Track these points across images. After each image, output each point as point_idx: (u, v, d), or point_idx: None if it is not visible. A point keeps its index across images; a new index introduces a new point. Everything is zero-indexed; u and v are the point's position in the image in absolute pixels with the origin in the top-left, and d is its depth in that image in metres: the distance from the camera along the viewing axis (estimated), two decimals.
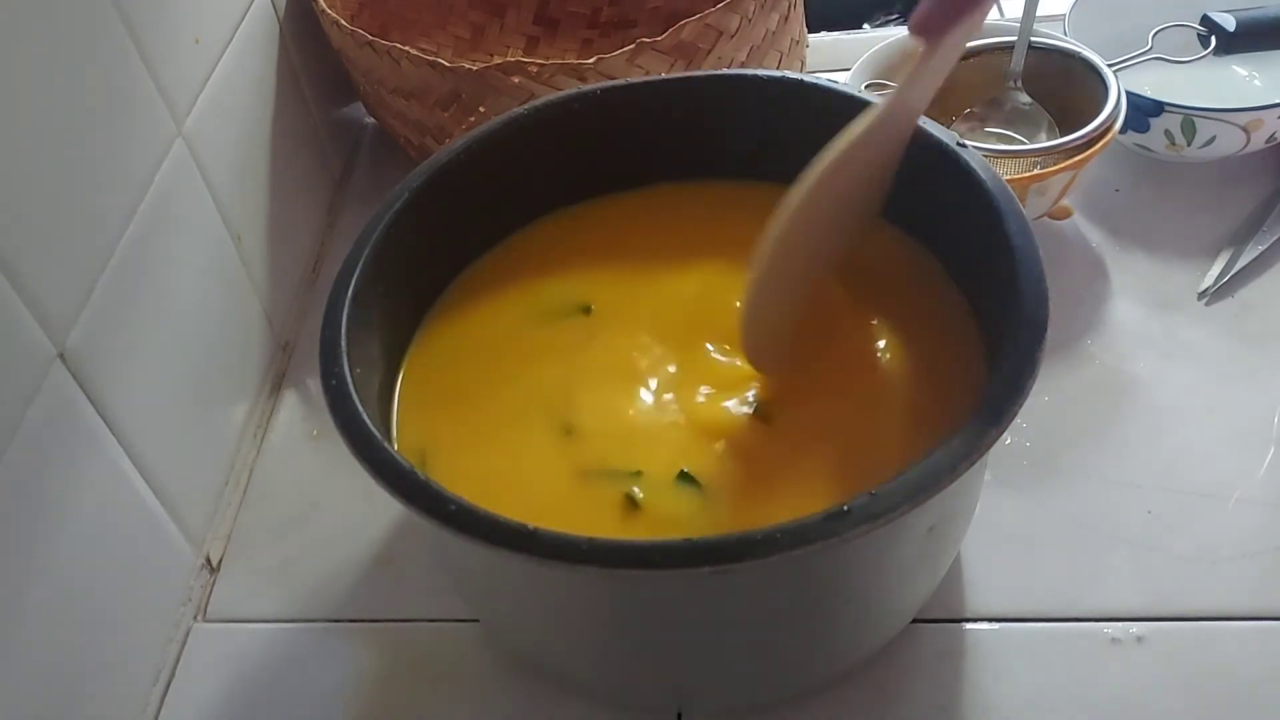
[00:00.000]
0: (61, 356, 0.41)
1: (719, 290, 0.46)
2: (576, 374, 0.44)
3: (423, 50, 0.58)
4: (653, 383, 0.43)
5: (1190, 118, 0.59)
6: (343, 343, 0.39)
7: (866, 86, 0.62)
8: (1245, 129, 0.59)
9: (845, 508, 0.32)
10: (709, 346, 0.44)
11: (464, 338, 0.46)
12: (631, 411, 0.42)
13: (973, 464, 0.33)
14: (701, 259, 0.48)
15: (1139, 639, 0.44)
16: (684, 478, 0.40)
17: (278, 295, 0.60)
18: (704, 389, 0.43)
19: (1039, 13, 0.58)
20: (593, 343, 0.45)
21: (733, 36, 0.58)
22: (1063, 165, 0.54)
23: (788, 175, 0.50)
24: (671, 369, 0.44)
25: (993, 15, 0.78)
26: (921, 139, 0.44)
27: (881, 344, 0.43)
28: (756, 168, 0.50)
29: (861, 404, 0.42)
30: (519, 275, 0.49)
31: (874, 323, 0.44)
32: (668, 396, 0.43)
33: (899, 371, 0.43)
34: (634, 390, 0.43)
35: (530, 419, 0.43)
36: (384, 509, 0.51)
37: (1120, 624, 0.45)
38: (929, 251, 0.46)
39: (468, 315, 0.47)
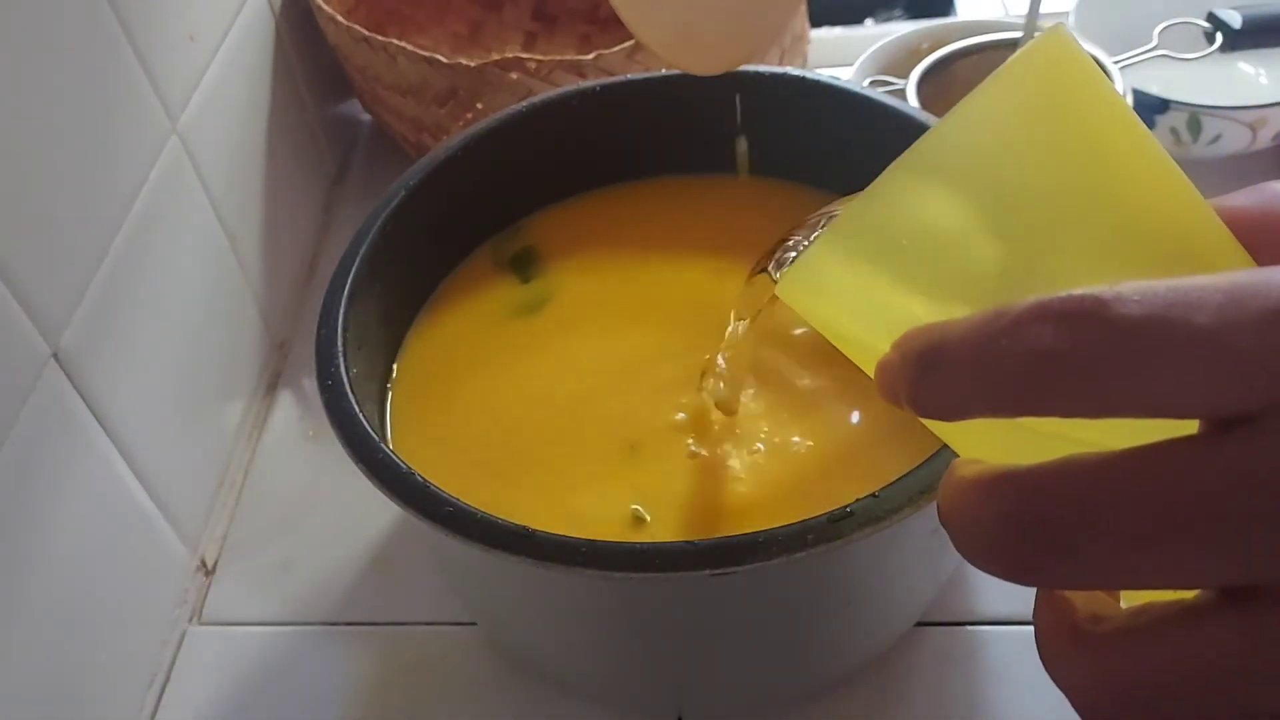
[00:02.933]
0: (55, 356, 0.40)
1: (718, 284, 0.46)
2: (574, 369, 0.44)
3: (420, 46, 0.58)
4: (650, 375, 0.43)
5: (1196, 115, 0.58)
6: (339, 342, 0.39)
7: (870, 83, 0.61)
8: (1251, 126, 0.58)
9: (848, 509, 0.32)
10: (706, 338, 0.44)
11: (459, 334, 0.46)
12: (630, 406, 0.42)
13: None
14: (702, 253, 0.47)
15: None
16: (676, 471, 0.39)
17: (273, 294, 0.59)
18: (701, 380, 0.42)
19: (1043, 9, 0.58)
20: (591, 337, 0.45)
21: None
22: None
23: (789, 171, 0.50)
24: (668, 360, 0.43)
25: (998, 12, 0.78)
26: None
27: None
28: (758, 163, 0.49)
29: (864, 403, 0.41)
30: (515, 270, 0.48)
31: None
32: (663, 389, 0.42)
33: None
34: (631, 385, 0.43)
35: (525, 413, 0.42)
36: (381, 510, 0.51)
37: None
38: None
39: (463, 311, 0.47)
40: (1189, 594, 0.18)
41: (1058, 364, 0.17)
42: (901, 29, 0.65)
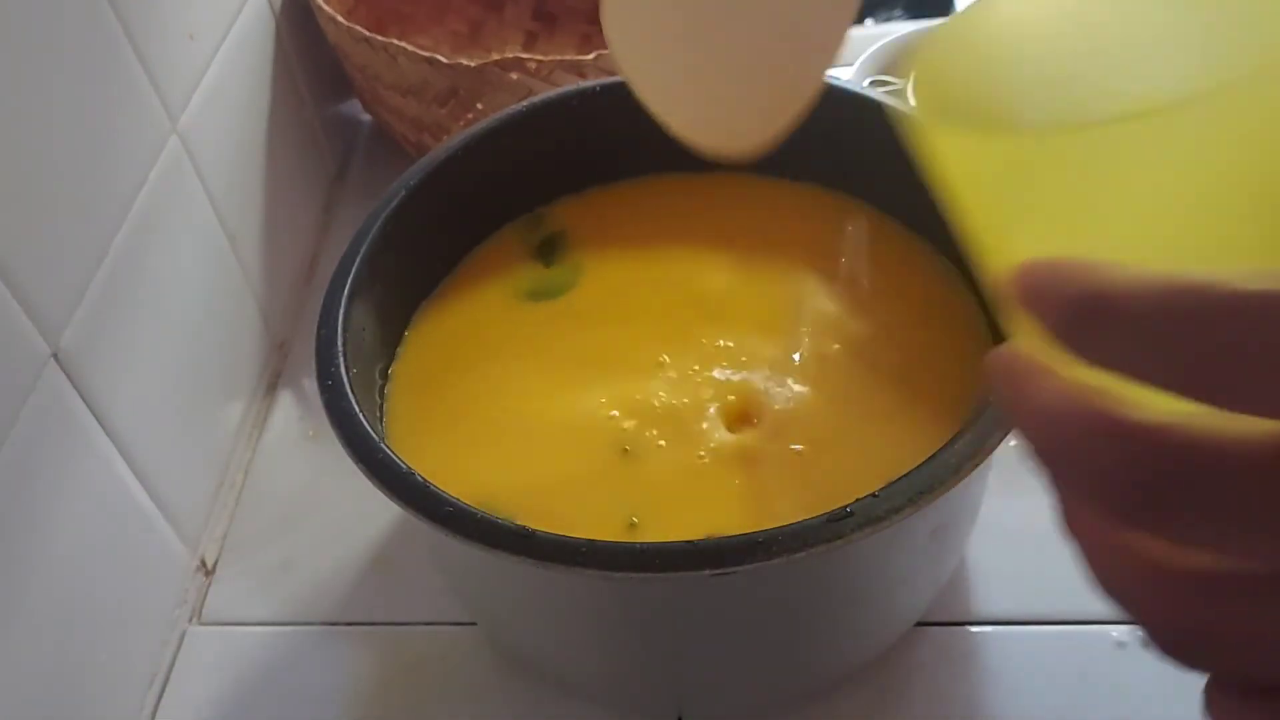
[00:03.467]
0: (55, 356, 0.40)
1: (716, 281, 0.46)
2: (571, 368, 0.44)
3: (420, 46, 0.58)
4: (649, 375, 0.43)
5: None
6: (339, 342, 0.39)
7: (870, 83, 0.61)
8: None
9: (848, 509, 0.32)
10: (704, 336, 0.44)
11: (456, 332, 0.46)
12: (629, 408, 0.42)
13: (977, 465, 0.33)
14: (700, 251, 0.48)
15: (1145, 642, 0.44)
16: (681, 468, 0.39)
17: (273, 294, 0.59)
18: (698, 379, 0.42)
19: None
20: (588, 336, 0.45)
21: None
22: None
23: (790, 171, 0.50)
24: (666, 360, 0.43)
25: None
26: None
27: (886, 341, 0.43)
28: (758, 163, 0.49)
29: (865, 403, 0.41)
30: (513, 269, 0.48)
31: (878, 319, 0.44)
32: (661, 389, 0.42)
33: (904, 370, 0.42)
34: (630, 384, 0.43)
35: (522, 414, 0.42)
36: (381, 510, 0.51)
37: (1126, 627, 0.44)
38: (935, 247, 0.46)
39: (461, 310, 0.47)
40: None
41: (1250, 366, 0.16)
42: (901, 29, 0.65)
